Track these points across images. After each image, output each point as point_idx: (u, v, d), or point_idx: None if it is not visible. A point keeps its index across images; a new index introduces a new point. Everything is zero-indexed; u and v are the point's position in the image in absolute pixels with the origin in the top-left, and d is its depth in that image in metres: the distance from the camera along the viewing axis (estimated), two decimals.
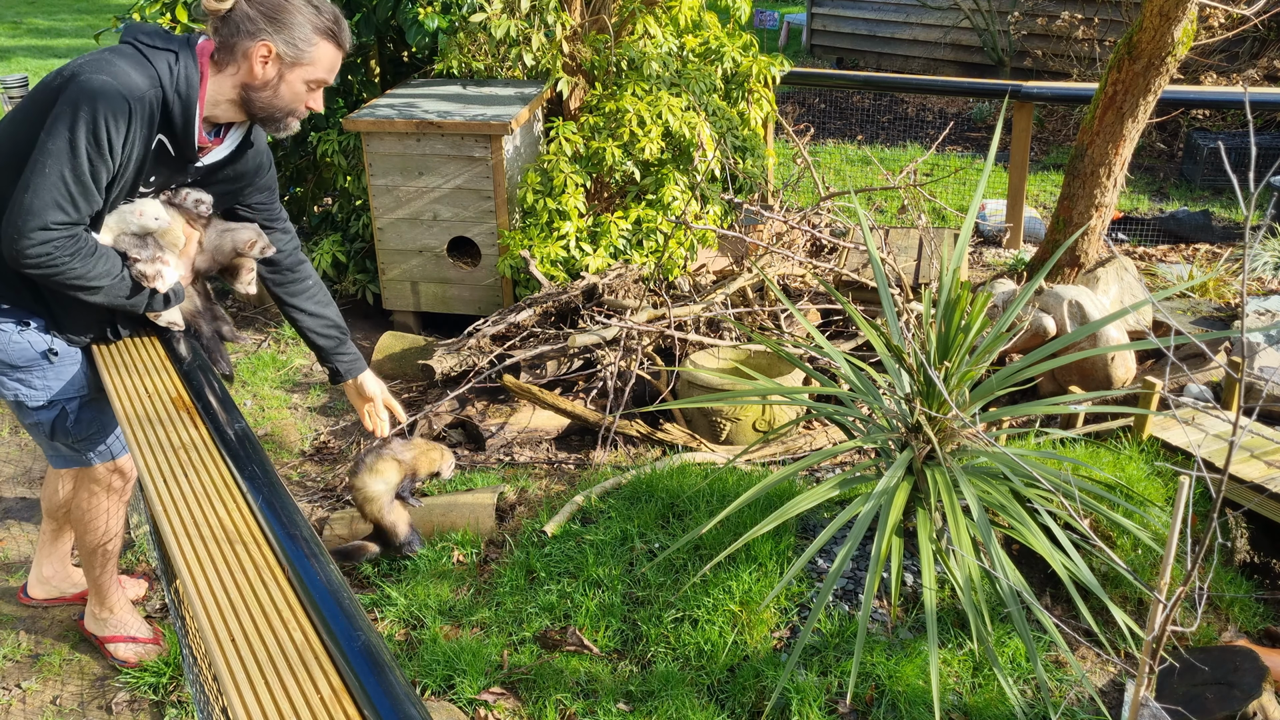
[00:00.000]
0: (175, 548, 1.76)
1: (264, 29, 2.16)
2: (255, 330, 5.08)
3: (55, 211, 2.09)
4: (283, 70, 2.20)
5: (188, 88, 2.15)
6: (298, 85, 2.23)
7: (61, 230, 2.11)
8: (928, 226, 4.95)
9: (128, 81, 2.07)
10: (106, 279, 2.23)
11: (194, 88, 2.16)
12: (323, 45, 2.22)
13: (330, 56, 2.25)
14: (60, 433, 2.54)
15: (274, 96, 2.23)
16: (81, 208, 2.13)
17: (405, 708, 1.38)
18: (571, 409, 3.86)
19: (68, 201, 2.10)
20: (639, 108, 4.52)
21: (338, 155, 5.06)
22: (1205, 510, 3.15)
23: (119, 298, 2.28)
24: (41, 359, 2.42)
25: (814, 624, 2.57)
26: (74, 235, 2.14)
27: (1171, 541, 1.63)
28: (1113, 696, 2.65)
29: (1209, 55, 7.47)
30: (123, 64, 2.10)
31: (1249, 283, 5.26)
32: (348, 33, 2.28)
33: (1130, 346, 2.71)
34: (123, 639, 2.94)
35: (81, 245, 2.16)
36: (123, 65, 2.09)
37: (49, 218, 2.09)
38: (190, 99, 2.16)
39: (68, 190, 2.09)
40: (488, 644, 2.80)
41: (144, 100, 2.10)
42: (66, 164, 2.07)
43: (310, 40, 2.19)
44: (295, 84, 2.23)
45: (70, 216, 2.12)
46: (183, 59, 2.15)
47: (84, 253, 2.17)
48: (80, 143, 2.06)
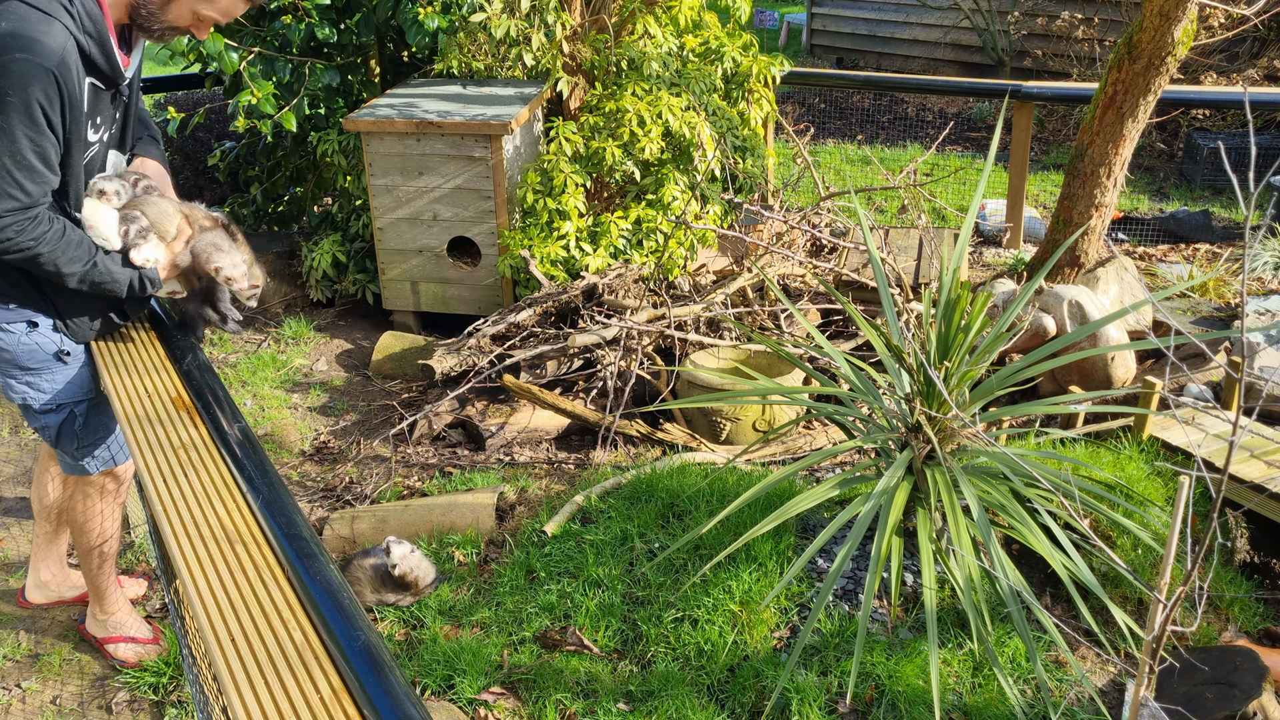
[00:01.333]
0: (175, 547, 1.76)
1: None
2: (255, 330, 5.08)
3: (3, 199, 2.06)
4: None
5: (94, 24, 2.08)
6: (185, 9, 2.17)
7: (15, 216, 2.08)
8: (928, 226, 4.95)
9: (42, 51, 1.98)
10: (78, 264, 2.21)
11: (100, 20, 2.09)
12: None
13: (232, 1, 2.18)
14: (66, 437, 2.54)
15: (160, 10, 2.16)
16: (31, 190, 2.08)
17: (405, 708, 1.38)
18: (571, 409, 3.86)
19: (15, 188, 2.06)
20: (639, 108, 4.52)
21: (338, 155, 5.06)
22: (1205, 510, 3.15)
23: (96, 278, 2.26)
24: (53, 360, 2.41)
25: (814, 624, 2.57)
26: (32, 217, 2.11)
27: (1171, 541, 1.63)
28: (1113, 696, 2.65)
29: (1209, 55, 7.47)
30: (27, 31, 1.97)
31: (1249, 283, 5.26)
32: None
33: (1130, 346, 2.71)
34: (122, 639, 2.94)
35: (45, 227, 2.13)
36: (28, 33, 1.97)
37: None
38: (101, 33, 2.09)
39: (12, 177, 2.05)
40: (488, 644, 2.80)
41: (63, 61, 2.02)
42: (5, 151, 2.02)
43: None
44: (183, 8, 2.16)
45: (21, 201, 2.08)
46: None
47: (51, 236, 2.14)
48: (15, 128, 2.01)
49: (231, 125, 4.75)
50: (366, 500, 3.65)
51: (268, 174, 5.61)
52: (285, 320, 5.07)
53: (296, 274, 5.34)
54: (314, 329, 5.05)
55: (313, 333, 5.02)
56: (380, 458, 3.94)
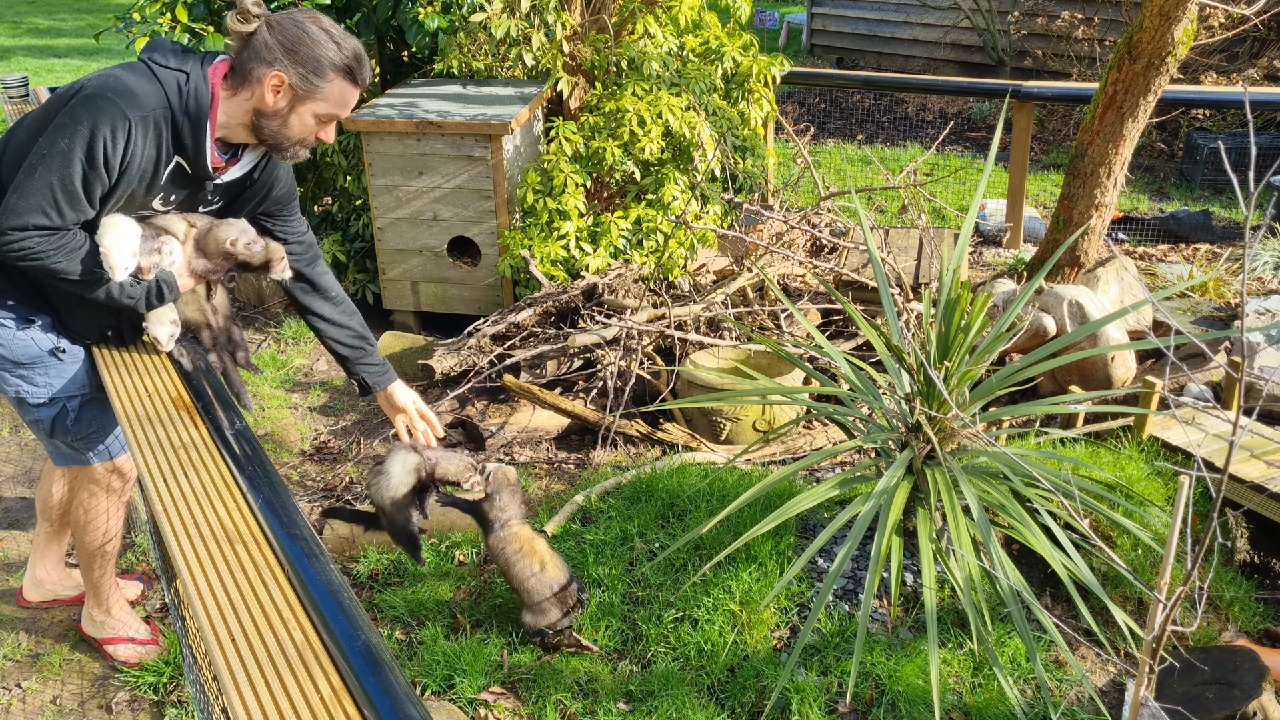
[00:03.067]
0: (175, 547, 1.76)
1: (280, 59, 2.16)
2: (255, 330, 5.08)
3: (38, 215, 2.10)
4: (294, 101, 2.20)
5: (197, 108, 2.16)
6: (307, 117, 2.24)
7: (40, 234, 2.12)
8: (928, 226, 4.95)
9: (131, 99, 2.08)
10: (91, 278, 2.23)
11: (204, 108, 2.16)
12: (337, 81, 2.22)
13: (343, 92, 2.24)
14: (60, 431, 2.55)
15: (283, 126, 2.23)
16: (67, 216, 2.13)
17: (405, 707, 1.38)
18: (571, 409, 3.86)
19: (52, 208, 2.11)
20: (639, 107, 4.52)
21: (338, 155, 5.06)
22: (1205, 510, 3.15)
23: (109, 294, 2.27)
24: (47, 356, 2.42)
25: (814, 624, 2.57)
26: (57, 237, 2.15)
27: (1171, 541, 1.63)
28: (1113, 696, 2.65)
29: (1209, 55, 7.47)
30: (131, 81, 2.10)
31: (1249, 283, 5.26)
32: (367, 71, 2.28)
33: (1130, 346, 2.71)
34: (122, 640, 2.94)
35: (66, 243, 2.17)
36: (131, 82, 2.10)
37: (29, 220, 2.10)
38: (199, 119, 2.17)
39: (54, 197, 2.10)
40: (488, 644, 2.80)
41: (146, 119, 2.10)
42: (56, 172, 2.08)
43: (324, 75, 2.19)
44: (305, 116, 2.23)
45: (53, 222, 2.12)
46: (193, 79, 2.15)
47: (68, 249, 2.17)
48: (75, 153, 2.07)
49: None
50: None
51: None
52: (285, 320, 5.07)
53: None
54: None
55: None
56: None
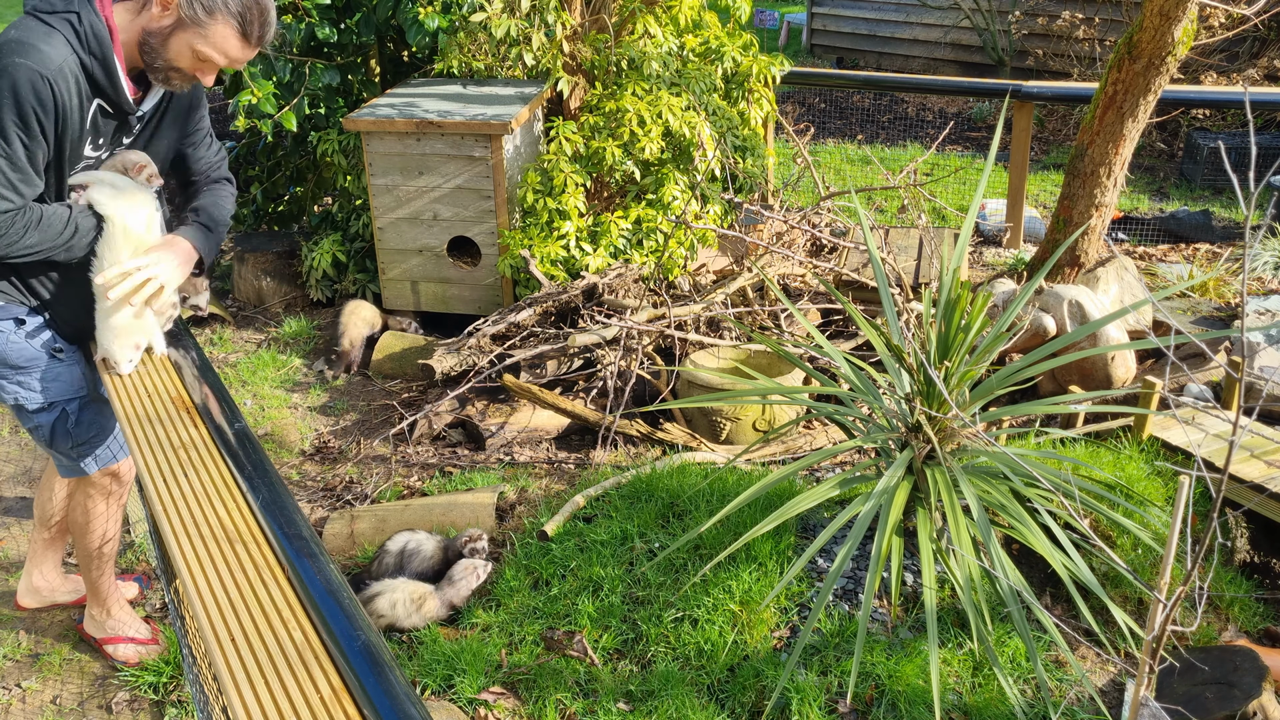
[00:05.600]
0: (175, 547, 1.76)
1: None
2: (255, 330, 5.08)
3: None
4: (176, 25, 2.14)
5: (99, 44, 2.11)
6: (183, 45, 2.16)
7: (10, 217, 2.13)
8: (928, 226, 4.95)
9: (40, 58, 2.03)
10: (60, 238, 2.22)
11: (105, 42, 2.12)
12: (223, 25, 2.14)
13: (227, 38, 2.17)
14: (60, 436, 2.53)
15: (161, 44, 2.16)
16: (24, 192, 2.13)
17: (405, 707, 1.38)
18: (571, 409, 3.86)
19: (9, 189, 2.10)
20: (639, 107, 4.51)
21: (338, 155, 5.06)
22: (1205, 510, 3.15)
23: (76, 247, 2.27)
24: (45, 357, 2.41)
25: (814, 624, 2.57)
26: (20, 214, 2.15)
27: (1171, 541, 1.63)
28: (1113, 696, 2.65)
29: (1209, 55, 7.47)
30: (29, 40, 2.05)
31: (1249, 282, 5.26)
32: (265, 31, 2.21)
33: (1130, 346, 2.71)
34: (121, 640, 2.94)
35: (30, 219, 2.16)
36: (30, 41, 2.05)
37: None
38: (106, 55, 2.12)
39: (6, 178, 2.09)
40: (488, 644, 2.80)
41: (61, 72, 2.06)
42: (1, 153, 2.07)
43: (213, 14, 2.13)
44: (181, 43, 2.16)
45: (14, 204, 2.12)
46: (85, 16, 2.10)
47: (32, 225, 2.17)
48: (9, 131, 2.05)
49: (232, 125, 4.75)
50: (366, 500, 3.65)
51: (268, 174, 5.62)
52: (285, 320, 5.07)
53: (296, 274, 5.34)
54: (314, 329, 5.05)
55: (313, 332, 5.02)
56: (380, 457, 3.94)
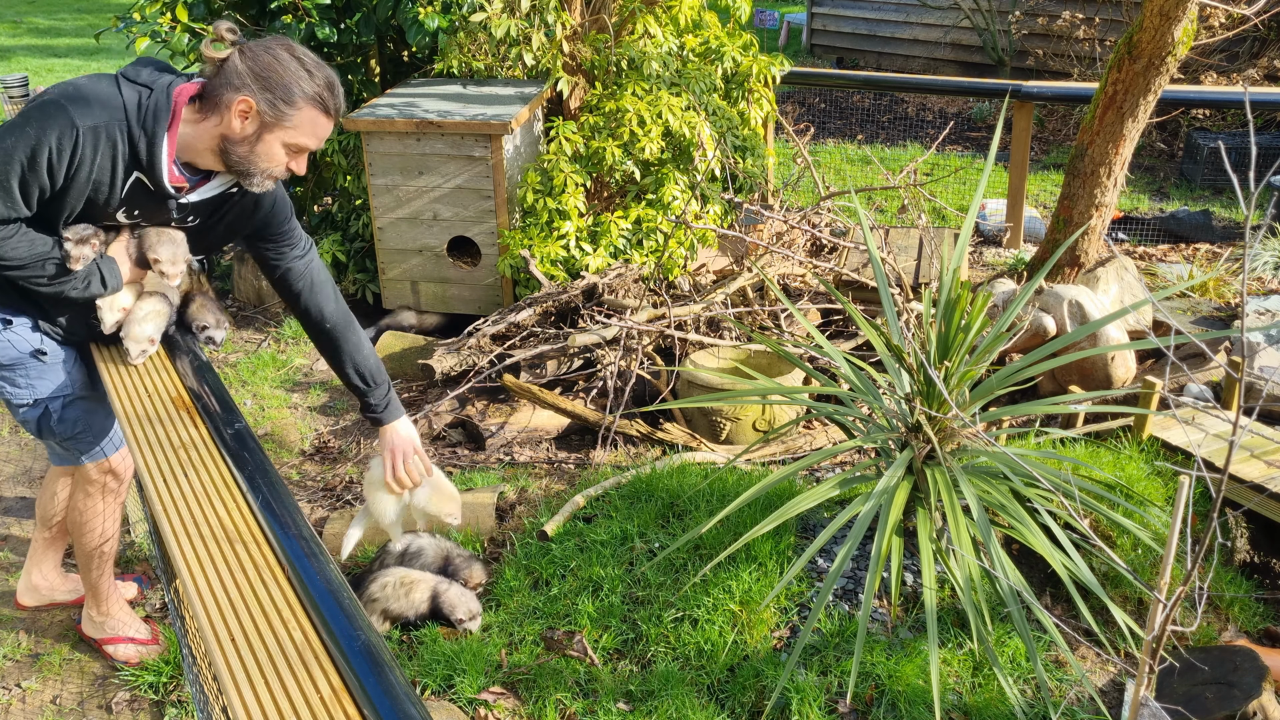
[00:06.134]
0: (175, 547, 1.76)
1: (250, 84, 2.12)
2: (255, 330, 5.08)
3: None
4: (262, 129, 2.15)
5: (154, 123, 2.12)
6: (275, 146, 2.18)
7: None
8: (928, 226, 4.95)
9: (84, 109, 2.06)
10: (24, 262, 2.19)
11: (160, 123, 2.13)
12: (307, 110, 2.16)
13: (314, 123, 2.19)
14: (46, 431, 2.56)
15: (250, 153, 2.18)
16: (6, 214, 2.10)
17: (405, 707, 1.38)
18: (571, 409, 3.86)
19: None
20: (639, 107, 4.51)
21: (338, 155, 5.06)
22: (1205, 510, 3.15)
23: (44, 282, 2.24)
24: (28, 358, 2.41)
25: (814, 624, 2.57)
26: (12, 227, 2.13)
27: (1171, 541, 1.63)
28: (1113, 696, 2.65)
29: (1209, 55, 7.47)
30: (91, 91, 2.08)
31: (1249, 282, 5.26)
32: (340, 100, 2.22)
33: (1130, 346, 2.71)
34: (121, 640, 2.94)
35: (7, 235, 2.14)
36: (90, 92, 2.07)
37: None
38: (155, 134, 2.13)
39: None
40: (488, 643, 2.80)
41: (97, 129, 2.07)
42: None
43: (294, 103, 2.14)
44: (273, 144, 2.18)
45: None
46: (155, 94, 2.12)
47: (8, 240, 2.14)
48: (16, 153, 2.05)
49: None
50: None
51: None
52: (285, 320, 5.07)
53: None
54: None
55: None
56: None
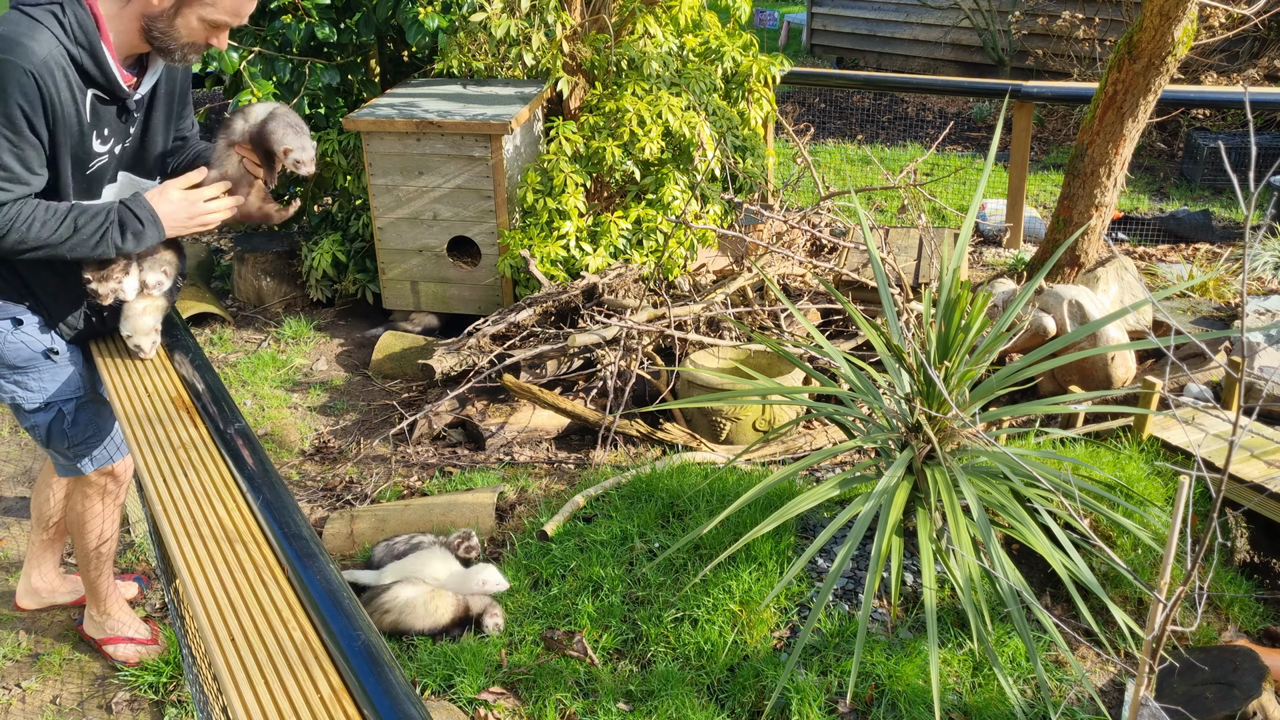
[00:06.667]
0: (175, 547, 1.76)
1: None
2: (255, 330, 5.08)
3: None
4: (179, 4, 2.14)
5: (85, 34, 2.09)
6: (193, 20, 2.16)
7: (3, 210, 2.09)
8: (928, 226, 4.95)
9: (24, 54, 2.01)
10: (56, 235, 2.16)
11: (92, 31, 2.10)
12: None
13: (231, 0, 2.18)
14: (57, 436, 2.53)
15: (169, 27, 2.16)
16: (15, 190, 2.09)
17: (405, 707, 1.38)
18: (571, 409, 3.86)
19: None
20: (639, 107, 4.51)
21: (337, 155, 5.06)
22: (1205, 510, 3.15)
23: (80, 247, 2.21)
24: (40, 358, 2.41)
25: (814, 624, 2.57)
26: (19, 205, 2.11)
27: (1171, 541, 1.63)
28: (1113, 696, 2.65)
29: (1209, 55, 7.47)
30: (13, 35, 2.03)
31: (1249, 282, 5.26)
32: None
33: (1130, 346, 2.71)
34: (121, 640, 2.94)
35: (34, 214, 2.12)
36: (13, 36, 2.03)
37: None
38: (94, 45, 2.11)
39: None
40: (487, 644, 2.80)
41: (46, 66, 2.03)
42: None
43: None
44: (190, 18, 2.16)
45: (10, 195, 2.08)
46: (69, 7, 2.08)
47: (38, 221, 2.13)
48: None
49: None
50: (366, 500, 3.65)
51: None
52: (285, 320, 5.07)
53: (296, 274, 5.34)
54: (314, 329, 5.05)
55: (313, 332, 5.02)
56: (380, 457, 3.94)
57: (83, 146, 2.19)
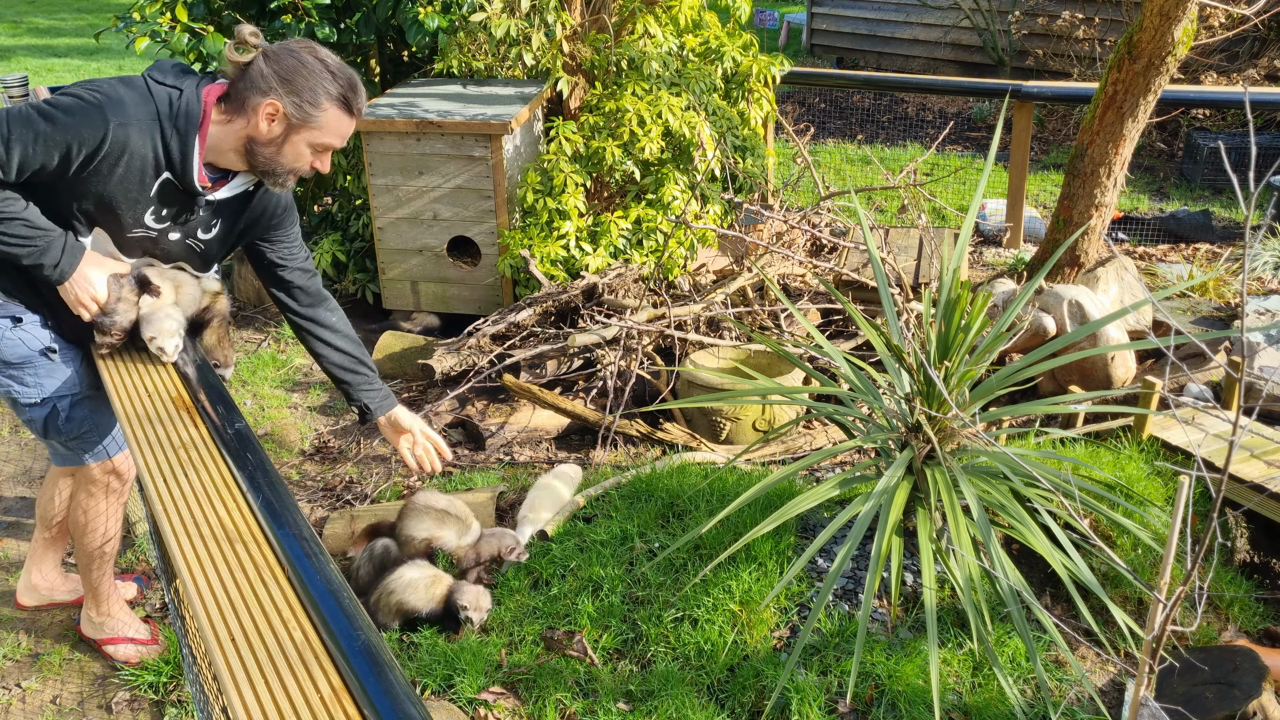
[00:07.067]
0: (175, 547, 1.76)
1: (275, 88, 2.17)
2: (255, 330, 5.08)
3: None
4: (288, 130, 2.21)
5: (186, 122, 2.17)
6: (301, 146, 2.24)
7: None
8: (928, 226, 4.95)
9: (117, 111, 2.10)
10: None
11: (193, 123, 2.18)
12: (332, 111, 2.22)
13: (339, 123, 2.25)
14: (53, 431, 2.55)
15: (276, 154, 2.24)
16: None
17: (405, 707, 1.38)
18: (571, 408, 3.86)
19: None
20: (639, 107, 4.51)
21: (337, 154, 5.06)
22: (1205, 510, 3.15)
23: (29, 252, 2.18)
24: (39, 356, 2.41)
25: (814, 624, 2.57)
26: None
27: (1171, 541, 1.63)
28: (1113, 696, 2.65)
29: (1209, 55, 7.47)
30: (124, 93, 2.12)
31: (1249, 282, 5.26)
32: (362, 100, 2.27)
33: (1130, 346, 2.71)
34: (121, 640, 2.94)
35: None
36: (122, 94, 2.12)
37: None
38: (188, 133, 2.18)
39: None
40: (488, 643, 2.80)
41: (126, 128, 2.11)
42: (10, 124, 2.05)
43: (319, 105, 2.20)
44: (299, 145, 2.24)
45: None
46: (186, 95, 2.17)
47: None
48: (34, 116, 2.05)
49: None
50: (366, 500, 3.65)
51: None
52: (284, 320, 5.07)
53: None
54: None
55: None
56: (380, 457, 3.94)
57: (134, 213, 2.25)
